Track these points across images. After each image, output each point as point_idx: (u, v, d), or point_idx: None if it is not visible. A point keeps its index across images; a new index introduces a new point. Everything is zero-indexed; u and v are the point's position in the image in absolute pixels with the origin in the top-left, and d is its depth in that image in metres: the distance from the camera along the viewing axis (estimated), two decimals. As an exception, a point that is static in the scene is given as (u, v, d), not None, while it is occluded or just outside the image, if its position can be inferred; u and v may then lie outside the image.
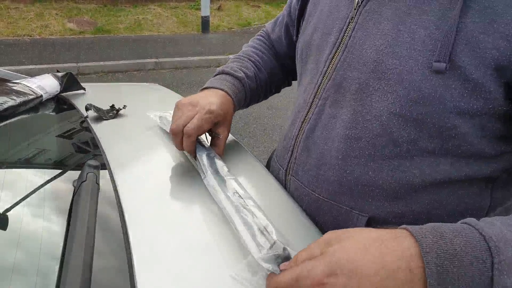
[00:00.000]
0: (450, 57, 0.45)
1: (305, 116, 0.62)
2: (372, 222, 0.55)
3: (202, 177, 0.62)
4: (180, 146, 0.66)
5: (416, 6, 0.49)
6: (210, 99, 0.67)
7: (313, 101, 0.61)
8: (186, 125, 0.63)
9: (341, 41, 0.57)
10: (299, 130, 0.63)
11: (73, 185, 0.59)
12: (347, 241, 0.38)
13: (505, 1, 0.44)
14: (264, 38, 0.89)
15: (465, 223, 0.38)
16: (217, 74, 0.77)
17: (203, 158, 0.65)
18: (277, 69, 0.86)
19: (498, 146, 0.50)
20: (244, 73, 0.76)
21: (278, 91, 0.91)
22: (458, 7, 0.45)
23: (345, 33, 0.56)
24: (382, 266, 0.35)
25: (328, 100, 0.58)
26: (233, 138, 0.84)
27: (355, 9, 0.56)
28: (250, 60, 0.81)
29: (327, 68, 0.58)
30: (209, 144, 0.71)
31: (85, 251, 0.44)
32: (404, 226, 0.38)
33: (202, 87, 0.74)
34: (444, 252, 0.34)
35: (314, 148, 0.60)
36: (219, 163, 0.64)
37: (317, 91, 0.60)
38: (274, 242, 0.47)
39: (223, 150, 0.70)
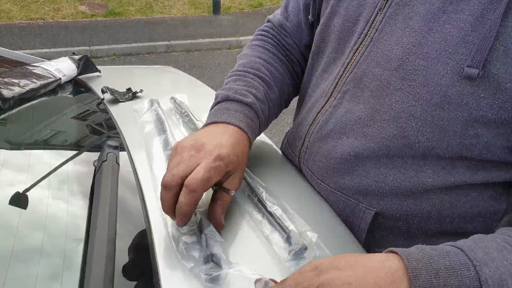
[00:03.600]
0: (485, 63, 0.42)
1: (322, 107, 0.60)
2: (379, 217, 0.55)
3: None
4: (170, 207, 0.47)
5: (453, 3, 0.45)
6: (220, 140, 0.51)
7: (332, 92, 0.58)
8: (186, 176, 0.46)
9: (367, 33, 0.53)
10: (314, 119, 0.61)
11: (93, 164, 0.61)
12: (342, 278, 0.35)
13: None
14: (268, 39, 0.72)
15: (463, 252, 0.36)
16: (220, 101, 0.60)
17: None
18: (288, 82, 0.71)
19: None
20: (253, 95, 0.61)
21: (287, 105, 0.74)
22: (500, 8, 0.41)
23: (372, 24, 0.53)
24: None
25: (347, 93, 0.56)
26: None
27: None
28: (257, 76, 0.64)
29: (350, 60, 0.55)
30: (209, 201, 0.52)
31: (109, 229, 0.46)
32: (400, 254, 0.37)
33: (206, 122, 0.58)
34: None
35: (326, 140, 0.59)
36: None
37: (338, 82, 0.57)
38: (290, 231, 0.49)
39: (218, 214, 0.50)
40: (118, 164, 0.58)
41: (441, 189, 0.50)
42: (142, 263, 0.48)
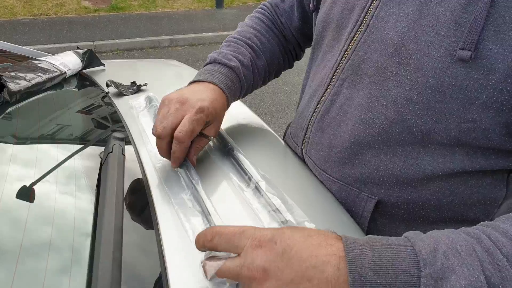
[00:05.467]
0: (476, 45, 0.42)
1: (322, 96, 0.61)
2: (381, 205, 0.55)
3: (183, 189, 0.56)
4: (166, 153, 0.58)
5: None
6: (201, 95, 0.60)
7: (331, 81, 0.59)
8: (174, 127, 0.56)
9: (363, 20, 0.53)
10: (315, 109, 0.62)
11: (100, 156, 0.62)
12: (293, 228, 0.39)
13: None
14: (266, 13, 0.79)
15: (406, 236, 0.37)
16: (208, 63, 0.69)
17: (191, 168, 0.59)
18: (278, 53, 0.78)
19: None
20: (239, 61, 0.69)
21: (278, 75, 0.83)
22: None
23: (367, 11, 0.53)
24: (315, 255, 0.35)
25: (345, 81, 0.56)
26: (251, 112, 0.85)
27: None
28: (247, 44, 0.73)
29: (347, 48, 0.56)
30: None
31: (116, 219, 0.47)
32: (341, 235, 0.38)
33: (192, 80, 0.67)
34: (370, 263, 0.34)
35: (327, 129, 0.59)
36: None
37: (336, 71, 0.58)
38: (287, 222, 0.49)
39: (195, 154, 0.61)
40: (124, 155, 0.58)
41: (440, 177, 0.51)
42: (149, 253, 0.49)
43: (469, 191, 0.51)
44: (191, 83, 0.66)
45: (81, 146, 0.73)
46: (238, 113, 0.84)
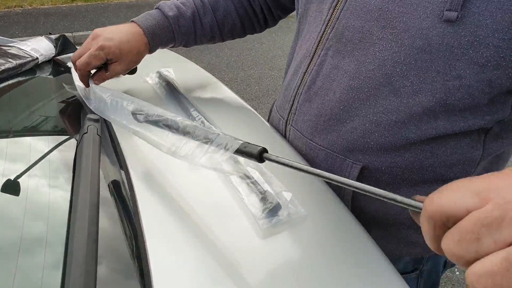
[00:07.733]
0: (463, 5, 0.43)
1: (307, 67, 0.61)
2: (365, 171, 0.57)
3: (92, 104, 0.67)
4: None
5: None
6: (114, 35, 0.68)
7: (315, 51, 0.59)
8: (80, 57, 0.68)
9: None
10: (301, 80, 0.62)
11: (75, 138, 0.61)
12: None
13: None
14: None
15: None
16: (154, 8, 0.75)
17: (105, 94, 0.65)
18: (234, 13, 0.80)
19: (498, 99, 0.48)
20: (179, 12, 0.74)
21: (241, 36, 0.85)
22: None
23: None
24: None
25: (330, 50, 0.57)
26: (238, 98, 0.84)
27: None
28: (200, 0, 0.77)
29: (330, 17, 0.56)
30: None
31: (91, 197, 0.46)
32: None
33: (132, 19, 0.74)
34: None
35: (315, 98, 0.60)
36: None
37: (320, 40, 0.58)
38: (265, 192, 0.50)
39: (94, 82, 0.71)
40: (100, 136, 0.57)
41: (423, 141, 0.52)
42: (126, 232, 0.48)
43: (448, 152, 0.53)
44: (130, 21, 0.74)
45: (57, 133, 0.72)
46: (225, 98, 0.83)
